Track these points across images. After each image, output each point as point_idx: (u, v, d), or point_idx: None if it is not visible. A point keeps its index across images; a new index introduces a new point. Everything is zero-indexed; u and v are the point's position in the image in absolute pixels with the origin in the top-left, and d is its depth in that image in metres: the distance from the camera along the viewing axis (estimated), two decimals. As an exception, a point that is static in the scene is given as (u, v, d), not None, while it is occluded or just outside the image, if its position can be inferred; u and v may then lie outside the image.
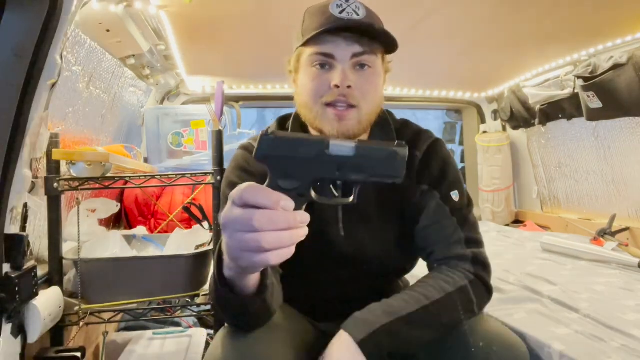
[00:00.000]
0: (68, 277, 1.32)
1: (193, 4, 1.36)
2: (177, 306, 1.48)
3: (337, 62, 0.82)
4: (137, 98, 2.18)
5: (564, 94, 2.17)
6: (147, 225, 2.08)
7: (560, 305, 1.28)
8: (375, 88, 0.86)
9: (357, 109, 0.83)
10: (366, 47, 0.82)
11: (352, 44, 0.82)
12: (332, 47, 0.82)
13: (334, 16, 0.81)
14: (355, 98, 0.82)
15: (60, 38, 0.92)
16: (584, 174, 2.38)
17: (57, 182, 1.25)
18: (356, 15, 0.82)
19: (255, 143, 0.93)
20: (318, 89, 0.83)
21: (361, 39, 0.82)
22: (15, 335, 0.99)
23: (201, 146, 1.98)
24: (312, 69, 0.84)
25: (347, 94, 0.81)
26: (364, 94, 0.83)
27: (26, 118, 0.91)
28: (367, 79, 0.84)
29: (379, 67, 0.86)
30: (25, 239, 0.98)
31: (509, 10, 1.50)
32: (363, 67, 0.83)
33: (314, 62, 0.84)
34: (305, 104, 0.86)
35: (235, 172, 0.92)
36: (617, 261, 1.73)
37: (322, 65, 0.83)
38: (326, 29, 0.79)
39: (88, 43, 1.46)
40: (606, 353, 0.97)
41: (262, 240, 0.48)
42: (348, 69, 0.82)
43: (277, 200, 0.50)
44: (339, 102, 0.82)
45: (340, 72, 0.81)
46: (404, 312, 0.78)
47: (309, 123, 0.88)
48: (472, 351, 0.78)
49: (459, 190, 0.93)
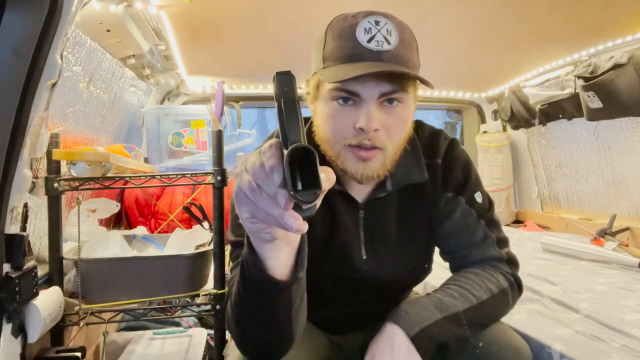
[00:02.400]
0: (68, 277, 1.32)
1: (193, 4, 1.36)
2: (177, 306, 1.48)
3: (362, 100, 0.73)
4: (137, 98, 2.18)
5: (564, 94, 2.16)
6: (148, 225, 2.08)
7: (560, 305, 1.28)
8: (404, 124, 0.78)
9: (383, 151, 0.75)
10: (396, 85, 0.72)
11: (381, 82, 0.72)
12: (358, 85, 0.72)
13: (361, 46, 0.71)
14: (381, 140, 0.74)
15: (61, 38, 0.92)
16: (584, 174, 2.38)
17: (58, 182, 1.25)
18: (387, 44, 0.71)
19: None
20: (341, 128, 0.74)
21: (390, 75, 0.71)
22: (16, 335, 0.99)
23: (201, 146, 1.98)
24: (334, 103, 0.75)
25: (372, 137, 0.73)
26: (391, 135, 0.75)
27: (26, 118, 0.91)
28: (396, 118, 0.75)
29: (409, 100, 0.77)
30: (26, 239, 0.98)
31: (509, 10, 1.50)
32: (392, 102, 0.74)
33: (336, 97, 0.74)
34: (327, 140, 0.78)
35: None
36: (617, 261, 1.73)
37: (344, 100, 0.74)
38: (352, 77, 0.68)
39: (88, 43, 1.46)
40: (606, 353, 0.97)
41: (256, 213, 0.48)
42: (374, 108, 0.72)
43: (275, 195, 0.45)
44: (363, 145, 0.74)
45: (365, 114, 0.72)
46: (455, 310, 0.77)
47: (330, 159, 0.79)
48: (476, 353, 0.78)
49: (481, 190, 0.92)
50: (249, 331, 0.66)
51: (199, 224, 1.56)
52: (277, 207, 0.45)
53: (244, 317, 0.65)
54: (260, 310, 0.62)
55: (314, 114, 0.83)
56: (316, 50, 0.79)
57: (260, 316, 0.63)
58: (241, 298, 0.62)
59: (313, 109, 0.83)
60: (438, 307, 0.77)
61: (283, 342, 0.66)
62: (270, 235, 0.53)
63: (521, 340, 0.83)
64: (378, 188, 0.87)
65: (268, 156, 0.45)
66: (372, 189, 0.87)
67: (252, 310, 0.63)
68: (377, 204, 0.87)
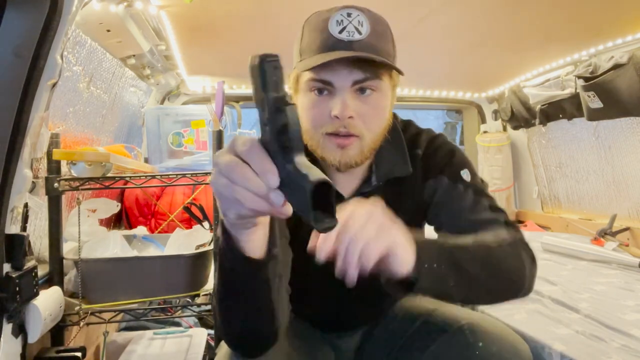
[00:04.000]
0: (68, 277, 1.32)
1: (193, 4, 1.36)
2: (177, 306, 1.48)
3: (336, 89, 0.76)
4: (137, 98, 2.18)
5: (565, 94, 2.16)
6: (148, 225, 2.08)
7: (560, 305, 1.28)
8: (380, 113, 0.80)
9: (359, 139, 0.77)
10: (368, 73, 0.75)
11: (353, 70, 0.74)
12: (331, 74, 0.75)
13: (332, 37, 0.74)
14: (357, 128, 0.76)
15: (61, 38, 0.92)
16: (585, 174, 2.38)
17: (58, 182, 1.25)
18: (358, 34, 0.75)
19: None
20: (318, 118, 0.78)
21: (362, 62, 0.74)
22: (16, 335, 0.99)
23: (201, 146, 1.98)
24: (311, 94, 0.78)
25: (347, 124, 0.75)
26: (367, 122, 0.77)
27: (27, 118, 0.91)
28: (371, 106, 0.77)
29: (384, 89, 0.79)
30: (26, 239, 0.98)
31: (510, 10, 1.50)
32: (364, 91, 0.77)
33: (312, 87, 0.78)
34: (306, 131, 0.80)
35: None
36: (617, 261, 1.73)
37: (320, 91, 0.77)
38: (322, 63, 0.72)
39: (88, 43, 1.47)
40: (607, 353, 0.97)
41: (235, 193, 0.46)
42: (349, 96, 0.75)
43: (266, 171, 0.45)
44: (340, 132, 0.76)
45: (340, 102, 0.75)
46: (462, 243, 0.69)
47: (311, 149, 0.82)
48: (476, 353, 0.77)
49: (469, 169, 0.88)
50: (233, 321, 0.66)
51: (199, 224, 1.56)
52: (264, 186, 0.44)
53: (226, 306, 0.64)
54: (240, 295, 0.62)
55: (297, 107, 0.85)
56: (295, 45, 0.83)
57: (240, 301, 0.63)
58: (223, 287, 0.62)
59: (295, 100, 0.85)
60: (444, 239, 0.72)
61: (267, 327, 0.66)
62: (252, 222, 0.53)
63: (521, 340, 0.83)
64: (363, 183, 0.87)
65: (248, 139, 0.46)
66: (358, 185, 0.87)
67: (233, 297, 0.63)
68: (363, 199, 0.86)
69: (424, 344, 0.85)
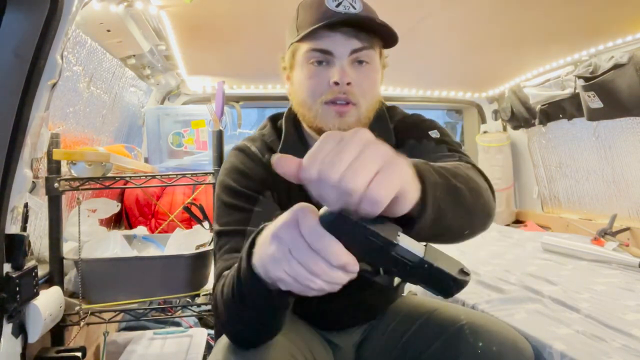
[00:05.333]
0: (69, 277, 1.32)
1: (193, 4, 1.36)
2: (177, 306, 1.48)
3: (335, 58, 0.79)
4: (137, 98, 2.18)
5: (565, 94, 2.16)
6: (148, 225, 2.08)
7: (561, 305, 1.28)
8: (374, 84, 0.83)
9: (357, 107, 0.80)
10: (365, 42, 0.79)
11: (351, 39, 0.79)
12: (330, 43, 0.78)
13: (330, 10, 0.78)
14: (355, 95, 0.80)
15: (61, 38, 0.92)
16: (585, 174, 2.38)
17: (58, 182, 1.25)
18: (353, 8, 0.78)
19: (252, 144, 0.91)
20: (316, 87, 0.80)
21: (359, 33, 0.79)
22: (16, 335, 0.99)
23: (202, 146, 1.98)
24: (309, 65, 0.81)
25: (346, 91, 0.79)
26: (364, 91, 0.81)
27: (27, 118, 0.91)
28: (367, 75, 0.81)
29: (377, 63, 0.84)
30: (26, 239, 0.98)
31: (510, 10, 1.50)
32: (361, 63, 0.81)
33: (311, 58, 0.80)
34: (303, 102, 0.83)
35: (232, 175, 0.85)
36: (617, 261, 1.73)
37: (319, 62, 0.80)
38: (325, 23, 0.75)
39: (89, 43, 1.47)
40: (607, 353, 0.96)
41: (312, 284, 0.47)
42: (347, 65, 0.79)
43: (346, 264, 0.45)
44: (338, 100, 0.79)
45: (339, 69, 0.78)
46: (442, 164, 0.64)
47: (307, 122, 0.85)
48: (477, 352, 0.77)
49: (438, 129, 0.89)
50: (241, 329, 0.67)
51: (200, 224, 1.56)
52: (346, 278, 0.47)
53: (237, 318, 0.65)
54: (257, 315, 0.62)
55: (291, 83, 0.88)
56: (290, 26, 0.85)
57: (255, 319, 0.63)
58: (235, 304, 0.61)
59: (290, 77, 0.88)
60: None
61: (275, 332, 0.68)
62: None
63: (523, 339, 0.83)
64: None
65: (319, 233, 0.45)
66: None
67: (248, 315, 0.63)
68: None
69: (425, 344, 0.85)
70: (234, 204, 0.81)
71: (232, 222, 0.79)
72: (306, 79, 0.81)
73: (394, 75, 2.43)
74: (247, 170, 0.85)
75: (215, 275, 0.76)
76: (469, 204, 0.62)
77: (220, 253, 0.78)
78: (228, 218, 0.80)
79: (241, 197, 0.81)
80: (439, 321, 0.87)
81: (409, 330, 0.90)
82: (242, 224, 0.78)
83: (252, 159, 0.87)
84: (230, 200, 0.81)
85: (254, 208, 0.80)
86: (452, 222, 0.59)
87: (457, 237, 0.65)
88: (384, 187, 0.41)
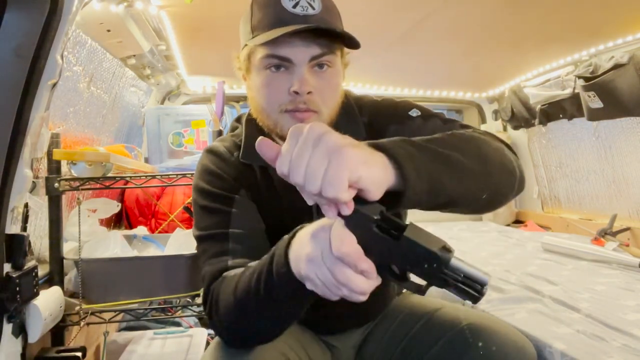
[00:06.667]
0: (69, 277, 1.32)
1: (193, 4, 1.36)
2: (177, 306, 1.48)
3: (294, 65, 0.74)
4: (137, 98, 2.18)
5: (565, 94, 2.16)
6: (148, 225, 2.08)
7: (561, 305, 1.28)
8: (336, 89, 0.80)
9: (318, 114, 0.77)
10: (325, 48, 0.75)
11: (310, 45, 0.74)
12: (289, 49, 0.73)
13: (287, 11, 0.73)
14: (316, 104, 0.76)
15: (61, 38, 0.92)
16: (585, 174, 2.38)
17: (58, 182, 1.25)
18: (311, 9, 0.74)
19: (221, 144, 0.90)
20: (275, 95, 0.76)
21: (318, 37, 0.74)
22: (16, 335, 0.99)
23: (202, 146, 1.98)
24: (266, 71, 0.76)
25: (307, 100, 0.75)
26: (325, 98, 0.77)
27: (27, 118, 0.91)
28: (328, 81, 0.77)
29: (338, 65, 0.79)
30: (26, 239, 0.98)
31: (510, 11, 1.50)
32: (322, 67, 0.76)
33: (268, 65, 0.75)
34: (262, 110, 0.79)
35: (205, 177, 0.82)
36: (617, 261, 1.73)
37: (276, 67, 0.76)
38: (284, 33, 0.70)
39: (89, 43, 1.47)
40: (607, 353, 0.97)
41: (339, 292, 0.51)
42: (306, 72, 0.74)
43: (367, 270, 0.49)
44: (299, 110, 0.75)
45: (298, 78, 0.74)
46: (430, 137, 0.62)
47: (267, 129, 0.81)
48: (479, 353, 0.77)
49: (417, 107, 0.85)
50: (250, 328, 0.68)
51: (200, 224, 1.56)
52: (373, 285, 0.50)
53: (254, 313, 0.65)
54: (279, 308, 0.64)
55: (248, 88, 0.84)
56: (244, 24, 0.80)
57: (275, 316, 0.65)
58: (259, 297, 0.62)
59: (246, 78, 0.84)
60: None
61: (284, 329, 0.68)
62: None
63: (525, 339, 0.82)
64: None
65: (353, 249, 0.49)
66: None
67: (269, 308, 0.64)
68: None
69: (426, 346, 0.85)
70: (211, 206, 0.79)
71: (212, 226, 0.78)
72: (264, 87, 0.77)
73: (394, 75, 2.43)
74: (219, 171, 0.83)
75: (206, 278, 0.74)
76: (472, 167, 0.60)
77: (205, 257, 0.77)
78: (207, 222, 0.79)
79: (217, 199, 0.79)
80: (439, 323, 0.87)
81: (410, 333, 0.90)
82: (222, 226, 0.77)
83: (222, 159, 0.85)
84: (207, 203, 0.80)
85: (231, 210, 0.79)
86: (456, 188, 0.57)
87: (474, 203, 0.63)
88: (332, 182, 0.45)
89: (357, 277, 0.49)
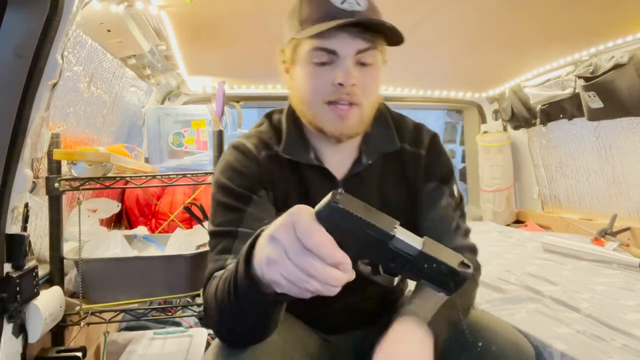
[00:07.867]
0: (69, 277, 1.33)
1: (194, 4, 1.36)
2: (177, 306, 1.48)
3: (339, 58, 0.77)
4: (138, 98, 2.18)
5: (565, 94, 2.16)
6: (148, 225, 2.08)
7: (561, 305, 1.28)
8: (377, 84, 0.83)
9: (359, 107, 0.80)
10: (370, 42, 0.78)
11: (357, 39, 0.77)
12: (336, 42, 0.76)
13: (335, 7, 0.76)
14: (358, 96, 0.79)
15: (62, 38, 0.92)
16: (585, 174, 2.38)
17: (58, 182, 1.25)
18: (358, 5, 0.77)
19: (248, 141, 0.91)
20: (319, 87, 0.79)
21: (365, 32, 0.77)
22: (17, 335, 0.99)
23: (202, 146, 1.98)
24: (312, 64, 0.79)
25: (350, 92, 0.78)
26: (366, 92, 0.80)
27: (27, 118, 0.91)
28: (370, 76, 0.80)
29: (379, 62, 0.82)
30: (26, 239, 0.98)
31: (510, 10, 1.50)
32: (364, 63, 0.79)
33: (315, 57, 0.78)
34: (304, 101, 0.82)
35: (227, 173, 0.84)
36: (618, 261, 1.73)
37: (322, 63, 0.78)
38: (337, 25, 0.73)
39: (89, 43, 1.47)
40: (607, 353, 0.97)
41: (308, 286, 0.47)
42: (351, 65, 0.77)
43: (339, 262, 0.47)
44: (341, 101, 0.78)
45: (344, 70, 0.77)
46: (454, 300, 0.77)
47: (306, 120, 0.84)
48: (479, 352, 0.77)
49: (456, 184, 0.95)
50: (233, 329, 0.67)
51: (200, 224, 1.56)
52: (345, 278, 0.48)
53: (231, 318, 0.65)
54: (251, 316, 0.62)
55: (291, 79, 0.86)
56: (290, 18, 0.82)
57: (249, 320, 0.63)
58: (230, 304, 0.61)
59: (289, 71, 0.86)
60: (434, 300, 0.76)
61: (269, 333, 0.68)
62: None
63: (524, 339, 0.82)
64: (355, 164, 0.88)
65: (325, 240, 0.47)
66: (350, 165, 0.88)
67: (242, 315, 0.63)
68: (357, 181, 0.87)
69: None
70: (228, 203, 0.80)
71: (224, 223, 0.78)
72: (309, 78, 0.80)
73: (394, 75, 2.43)
74: (242, 168, 0.84)
75: (205, 276, 0.75)
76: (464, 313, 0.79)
77: (212, 254, 0.77)
78: (221, 218, 0.79)
79: (235, 196, 0.80)
80: None
81: None
82: (233, 224, 0.77)
83: (247, 157, 0.86)
84: (224, 200, 0.80)
85: (247, 208, 0.79)
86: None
87: None
88: None
89: (328, 268, 0.47)
